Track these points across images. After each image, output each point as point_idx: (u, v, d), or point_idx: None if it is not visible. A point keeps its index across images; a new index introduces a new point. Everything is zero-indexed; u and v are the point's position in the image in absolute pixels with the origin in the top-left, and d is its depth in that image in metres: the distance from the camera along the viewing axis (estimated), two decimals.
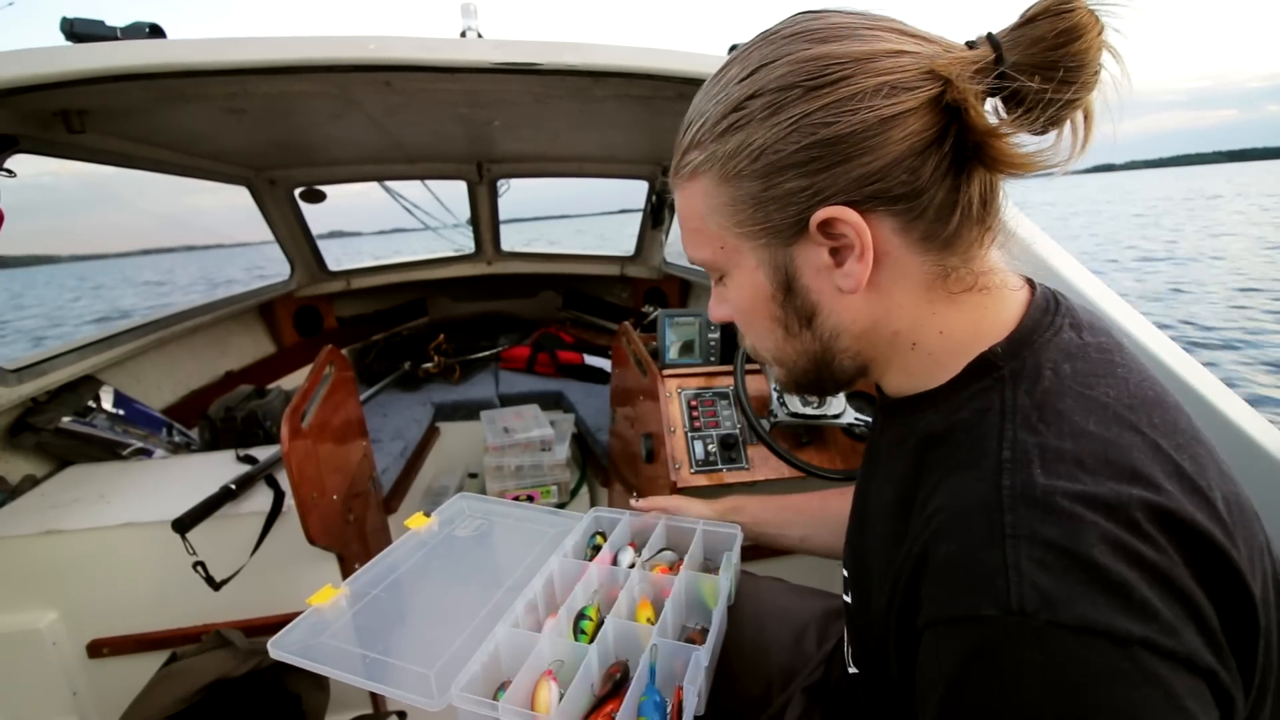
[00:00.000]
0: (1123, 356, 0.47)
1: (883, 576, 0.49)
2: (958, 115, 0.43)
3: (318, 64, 1.08)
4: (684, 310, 1.51)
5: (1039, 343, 0.46)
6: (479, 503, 1.04)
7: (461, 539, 0.97)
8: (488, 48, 1.14)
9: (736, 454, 1.31)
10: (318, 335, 2.97)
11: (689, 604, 0.84)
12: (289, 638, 0.75)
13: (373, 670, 0.70)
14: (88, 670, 1.23)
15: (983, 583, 0.37)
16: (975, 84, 0.42)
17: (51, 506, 1.26)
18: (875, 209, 0.45)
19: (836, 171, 0.44)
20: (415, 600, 0.86)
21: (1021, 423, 0.42)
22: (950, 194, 0.45)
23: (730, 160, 0.47)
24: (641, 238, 3.11)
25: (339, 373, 1.43)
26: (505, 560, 0.92)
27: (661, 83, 1.26)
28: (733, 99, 0.46)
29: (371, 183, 2.74)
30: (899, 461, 0.51)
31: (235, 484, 1.24)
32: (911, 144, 0.43)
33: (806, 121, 0.43)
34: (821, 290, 0.49)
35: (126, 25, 1.08)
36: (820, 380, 0.55)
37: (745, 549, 0.93)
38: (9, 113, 1.21)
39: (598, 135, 2.15)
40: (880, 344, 0.51)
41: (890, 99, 0.42)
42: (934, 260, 0.47)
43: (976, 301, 0.49)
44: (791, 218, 0.47)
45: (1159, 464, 0.40)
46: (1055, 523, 0.37)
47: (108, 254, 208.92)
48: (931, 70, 0.43)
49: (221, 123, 1.61)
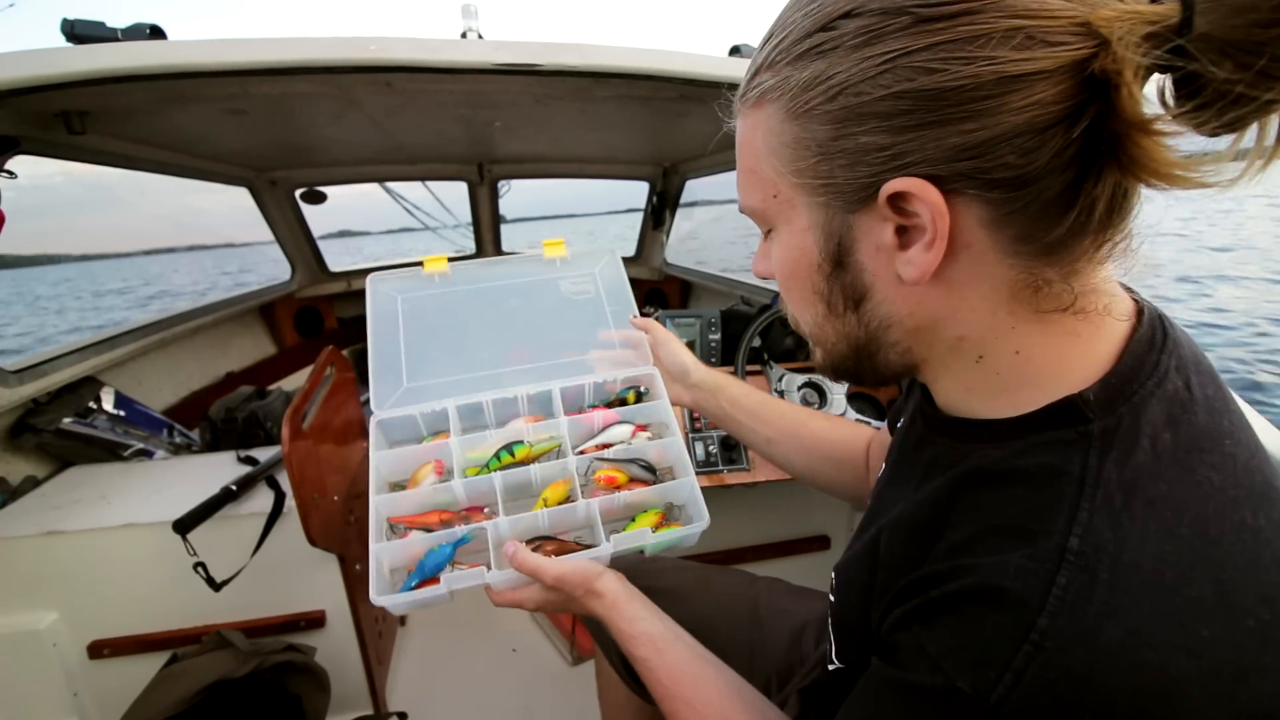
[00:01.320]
0: (1231, 419, 0.38)
1: (883, 593, 0.45)
2: (1104, 91, 0.32)
3: (318, 65, 1.08)
4: (684, 311, 1.51)
5: (1140, 395, 0.38)
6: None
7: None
8: (488, 49, 1.14)
9: (737, 455, 1.31)
10: (318, 336, 2.97)
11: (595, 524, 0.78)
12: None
13: None
14: (88, 671, 1.23)
15: (977, 663, 0.35)
16: (1140, 54, 0.31)
17: (52, 507, 1.26)
18: (965, 190, 0.36)
19: (927, 134, 0.35)
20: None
21: (1103, 505, 0.35)
22: (1068, 190, 0.35)
23: (803, 92, 0.38)
24: (642, 238, 3.11)
25: (340, 374, 1.43)
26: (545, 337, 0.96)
27: (662, 84, 1.26)
28: (825, 13, 0.37)
29: (374, 183, 2.74)
30: (934, 484, 0.45)
31: (236, 485, 1.24)
32: (1033, 117, 0.33)
33: (905, 62, 0.34)
34: (878, 273, 0.41)
35: (127, 26, 1.08)
36: (859, 370, 0.48)
37: (746, 549, 0.93)
38: (10, 114, 1.21)
39: (599, 136, 2.15)
40: (939, 346, 0.43)
41: (1021, 52, 0.32)
42: (1024, 267, 0.38)
43: (1069, 326, 0.40)
44: (861, 179, 0.38)
45: (1247, 604, 0.33)
46: (1090, 662, 0.32)
47: (108, 254, 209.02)
48: (1088, 24, 0.32)
49: (222, 124, 1.61)
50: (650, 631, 0.65)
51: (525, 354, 0.93)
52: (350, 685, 1.32)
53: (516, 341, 0.94)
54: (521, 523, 0.76)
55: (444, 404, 0.86)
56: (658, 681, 0.61)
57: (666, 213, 2.90)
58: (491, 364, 0.91)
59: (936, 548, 0.41)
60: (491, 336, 0.94)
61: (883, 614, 0.44)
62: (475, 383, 0.89)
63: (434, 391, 0.87)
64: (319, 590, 1.27)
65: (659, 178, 2.79)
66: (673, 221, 2.98)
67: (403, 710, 1.35)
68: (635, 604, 0.67)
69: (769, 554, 1.60)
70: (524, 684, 1.52)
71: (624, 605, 0.67)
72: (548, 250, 0.99)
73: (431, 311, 0.93)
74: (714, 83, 1.23)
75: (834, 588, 0.57)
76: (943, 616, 0.38)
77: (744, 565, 1.53)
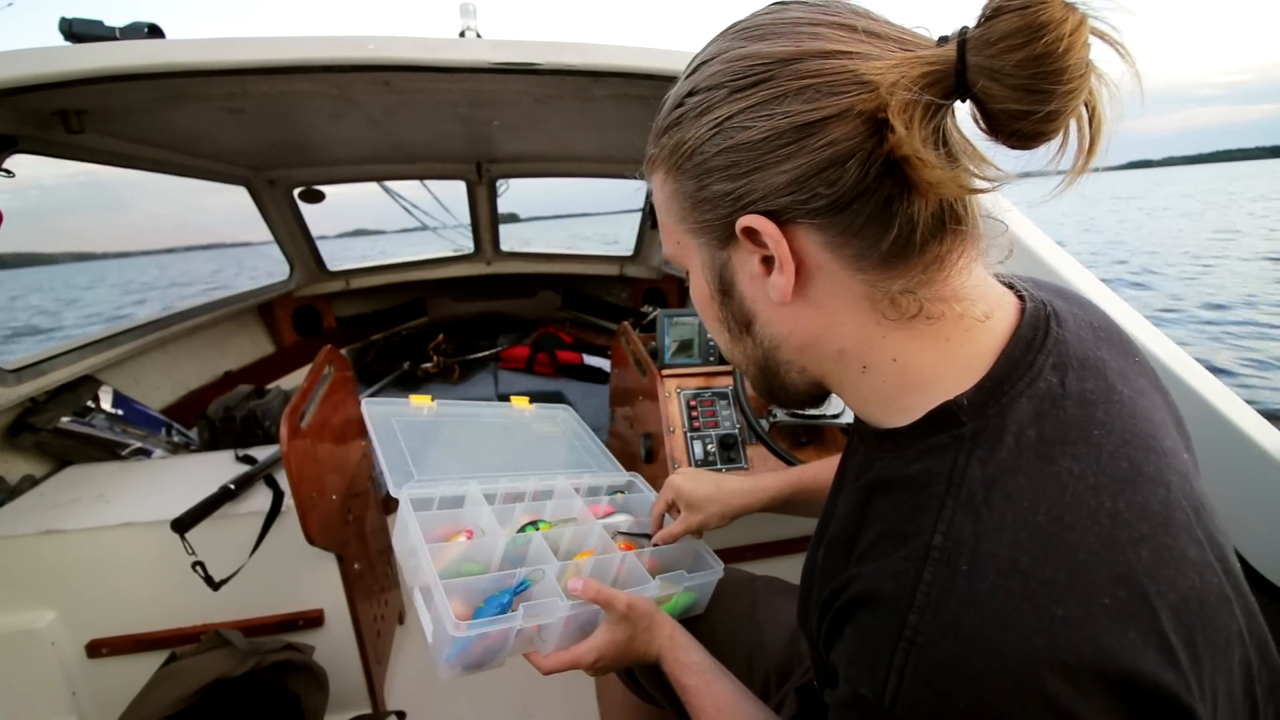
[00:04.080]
0: (1108, 409, 0.40)
1: (815, 606, 0.48)
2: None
3: (317, 64, 1.08)
4: (683, 310, 1.51)
5: (1010, 395, 0.40)
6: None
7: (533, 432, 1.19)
8: (487, 48, 1.14)
9: (736, 454, 1.31)
10: (317, 335, 2.97)
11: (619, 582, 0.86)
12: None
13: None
14: (87, 670, 1.23)
15: (870, 666, 0.38)
16: (915, 94, 0.36)
17: (50, 506, 1.26)
18: (797, 219, 0.42)
19: (755, 178, 0.41)
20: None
21: (965, 501, 0.38)
22: (882, 211, 0.40)
23: (672, 155, 0.46)
24: (641, 238, 3.11)
25: (338, 373, 1.43)
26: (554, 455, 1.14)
27: (661, 83, 1.26)
28: (679, 93, 0.45)
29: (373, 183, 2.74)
30: (852, 497, 0.48)
31: (234, 484, 1.24)
32: (832, 154, 0.39)
33: (728, 124, 0.42)
34: (756, 298, 0.47)
35: (125, 25, 1.09)
36: (773, 389, 0.53)
37: (745, 548, 0.94)
38: (8, 113, 1.21)
39: (597, 135, 2.15)
40: (826, 361, 0.48)
41: (810, 104, 0.39)
42: (870, 281, 0.42)
43: (935, 331, 0.43)
44: (721, 220, 0.45)
45: (1101, 584, 0.34)
46: (956, 650, 0.35)
47: (105, 253, 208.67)
48: (859, 74, 0.38)
49: (220, 123, 1.61)
50: (701, 663, 0.70)
51: (519, 465, 1.06)
52: (349, 684, 1.32)
53: (509, 455, 1.10)
54: (567, 572, 0.78)
55: (465, 486, 0.92)
56: (703, 710, 0.66)
57: None
58: (492, 468, 1.01)
59: (851, 558, 0.45)
60: (486, 450, 1.08)
61: (818, 628, 0.47)
62: (479, 481, 0.96)
63: (445, 485, 0.93)
64: (317, 589, 1.27)
65: None
66: None
67: (401, 709, 1.35)
68: (688, 636, 0.73)
69: (768, 553, 1.60)
70: (523, 683, 1.52)
71: (680, 636, 0.72)
72: (516, 403, 1.22)
73: (426, 430, 1.06)
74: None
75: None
76: (846, 626, 0.42)
77: (743, 564, 1.53)
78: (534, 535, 0.82)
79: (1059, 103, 0.34)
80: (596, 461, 1.15)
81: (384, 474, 0.89)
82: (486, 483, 0.95)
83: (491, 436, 1.12)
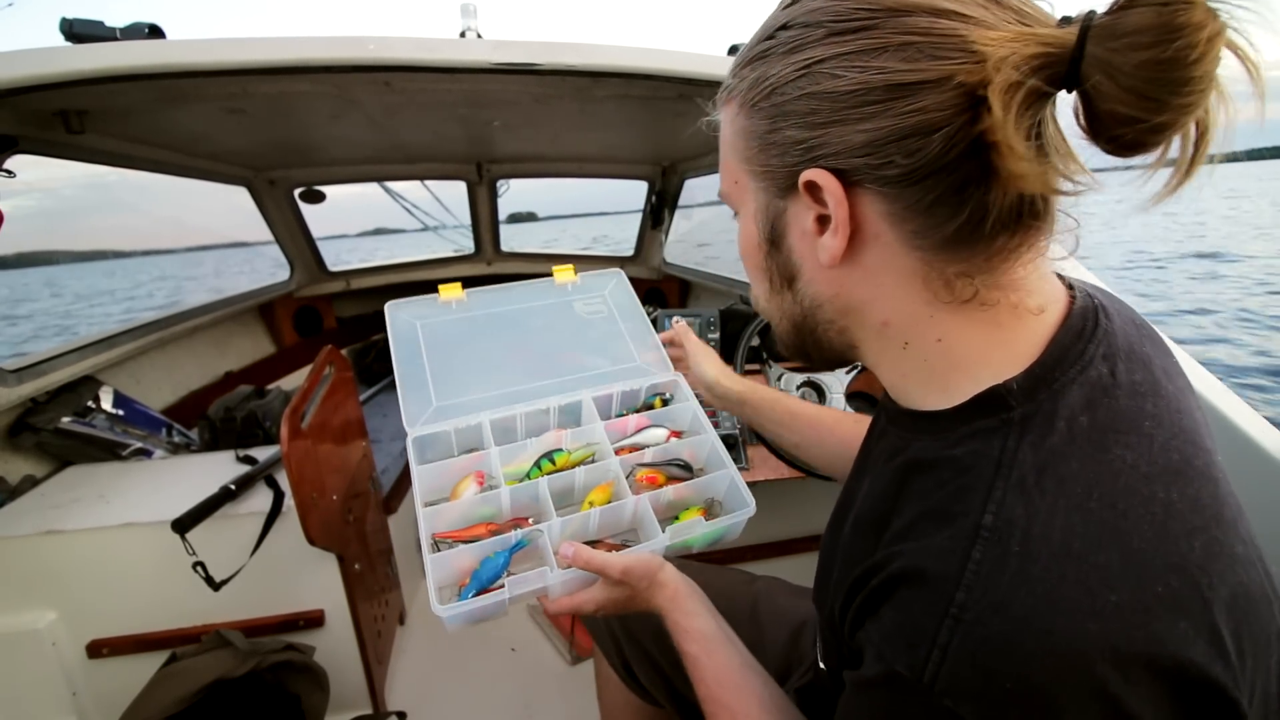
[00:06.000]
0: (1156, 403, 0.40)
1: (839, 586, 0.47)
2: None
3: (317, 64, 1.08)
4: (684, 310, 1.51)
5: (1061, 382, 0.40)
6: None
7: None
8: (487, 48, 1.14)
9: (737, 454, 1.31)
10: (317, 335, 2.97)
11: (641, 521, 0.81)
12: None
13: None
14: (87, 670, 1.23)
15: (909, 644, 0.37)
16: (1021, 76, 0.33)
17: (51, 507, 1.26)
18: (864, 184, 0.40)
19: (831, 131, 0.39)
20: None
21: (1016, 483, 0.37)
22: (955, 193, 0.38)
23: (751, 90, 0.43)
24: (641, 238, 3.11)
25: (338, 373, 1.43)
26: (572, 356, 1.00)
27: (661, 83, 1.26)
28: (771, 24, 0.43)
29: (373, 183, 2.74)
30: (883, 477, 0.47)
31: (235, 484, 1.24)
32: (919, 122, 0.36)
33: (817, 68, 0.39)
34: (804, 255, 0.46)
35: (126, 26, 1.08)
36: (804, 345, 0.51)
37: (745, 549, 0.93)
38: (8, 113, 1.21)
39: (597, 135, 2.15)
40: (867, 330, 0.46)
41: (909, 63, 0.36)
42: (926, 260, 0.41)
43: (986, 317, 0.42)
44: (787, 168, 0.43)
45: (1154, 572, 0.34)
46: (1006, 630, 0.34)
47: (112, 252, 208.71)
48: (970, 42, 0.35)
49: (221, 123, 1.61)
50: (704, 630, 0.65)
51: (548, 371, 0.95)
52: (349, 685, 1.32)
53: (538, 360, 0.97)
54: (572, 525, 0.76)
55: (478, 419, 0.87)
56: (702, 680, 0.62)
57: (665, 212, 2.90)
58: (517, 381, 0.93)
59: (883, 538, 0.43)
60: (513, 356, 0.96)
61: (842, 609, 0.46)
62: (503, 398, 0.90)
63: (463, 409, 0.89)
64: (318, 590, 1.27)
65: (658, 177, 2.79)
66: (671, 221, 2.98)
67: (402, 710, 1.35)
68: (694, 599, 0.67)
69: (768, 553, 1.60)
70: (523, 683, 1.52)
71: (684, 599, 0.67)
72: (558, 275, 1.04)
73: (452, 335, 0.96)
74: (712, 82, 1.22)
75: (815, 580, 0.58)
76: (883, 605, 0.40)
77: (743, 565, 1.53)
78: (540, 481, 0.79)
79: (1171, 115, 0.31)
80: (640, 347, 1.02)
81: (402, 406, 0.85)
82: (504, 406, 0.89)
83: (526, 331, 1.00)
